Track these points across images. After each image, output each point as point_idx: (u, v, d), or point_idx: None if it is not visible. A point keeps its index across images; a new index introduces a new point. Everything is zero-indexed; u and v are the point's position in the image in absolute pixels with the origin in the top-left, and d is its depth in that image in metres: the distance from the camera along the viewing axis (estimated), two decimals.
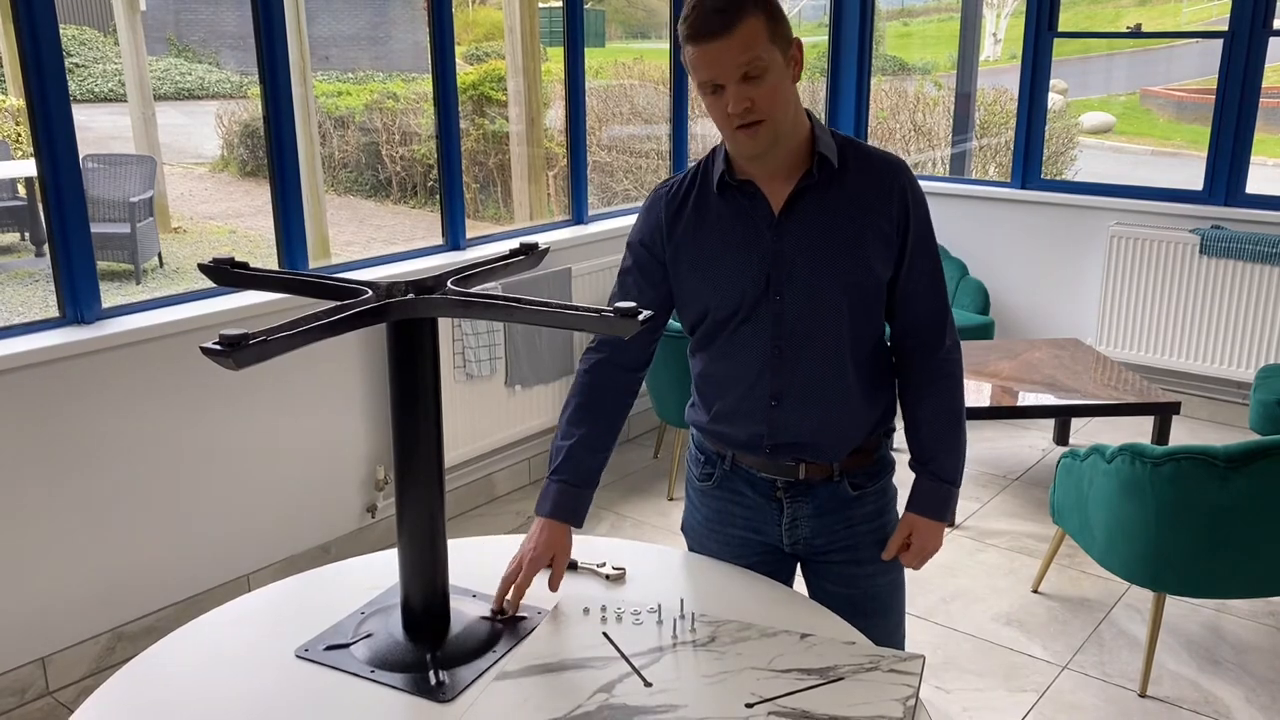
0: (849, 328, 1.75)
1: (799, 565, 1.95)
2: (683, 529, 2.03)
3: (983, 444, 4.62)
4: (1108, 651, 3.13)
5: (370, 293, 1.50)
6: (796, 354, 1.76)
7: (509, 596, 1.69)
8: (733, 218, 1.75)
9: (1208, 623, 3.27)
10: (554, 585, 1.74)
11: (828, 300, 1.73)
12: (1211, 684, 2.96)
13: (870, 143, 1.81)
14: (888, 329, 1.86)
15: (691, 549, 1.99)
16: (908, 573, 1.94)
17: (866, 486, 1.85)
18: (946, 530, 1.92)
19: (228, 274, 1.61)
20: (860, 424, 1.82)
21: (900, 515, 1.92)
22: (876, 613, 1.88)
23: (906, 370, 1.86)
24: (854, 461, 1.83)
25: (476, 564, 1.84)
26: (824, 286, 1.72)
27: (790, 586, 1.88)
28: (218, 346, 1.26)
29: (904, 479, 1.90)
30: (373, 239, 9.42)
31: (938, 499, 1.85)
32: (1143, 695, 2.91)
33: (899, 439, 1.88)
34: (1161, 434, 3.89)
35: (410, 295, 1.51)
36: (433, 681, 1.52)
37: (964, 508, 3.96)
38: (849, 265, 1.72)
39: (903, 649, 1.93)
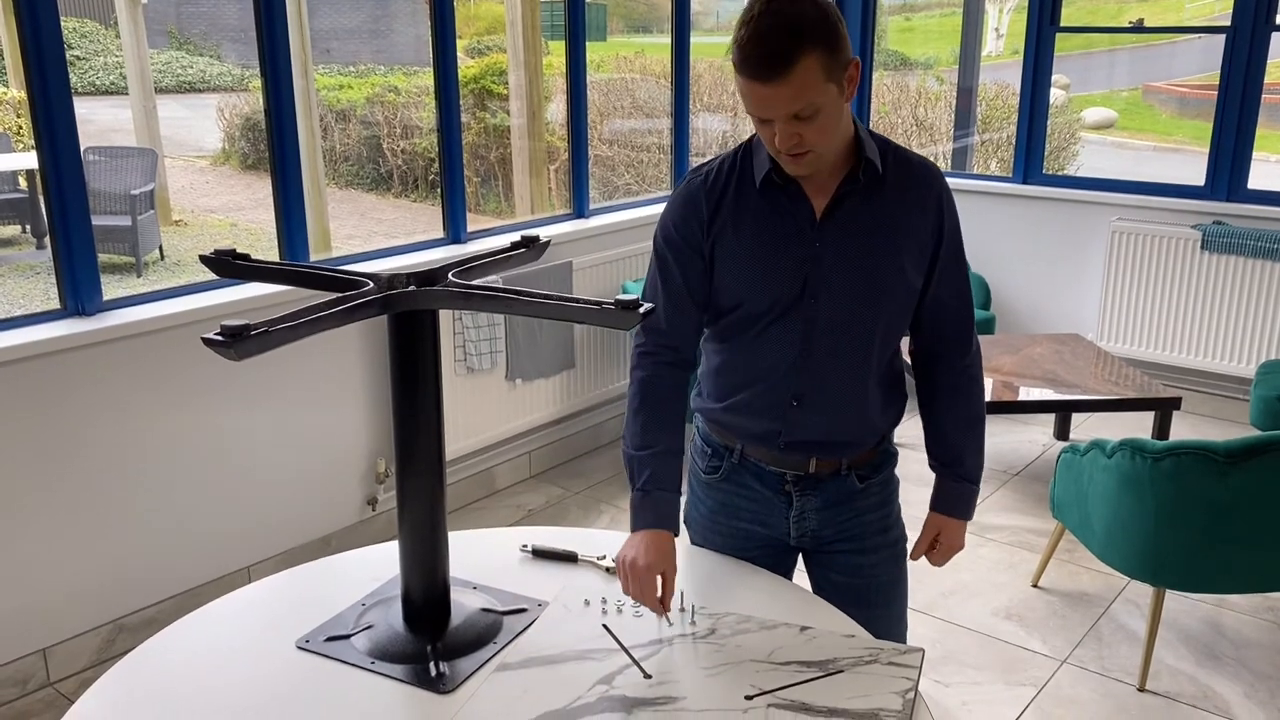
0: (879, 334, 1.75)
1: (802, 557, 1.95)
2: (685, 521, 2.00)
3: None
4: (1107, 646, 3.13)
5: (371, 285, 1.50)
6: (824, 357, 1.74)
7: (654, 605, 1.63)
8: (773, 216, 1.71)
9: (1207, 618, 3.27)
10: (667, 603, 1.64)
11: (862, 306, 1.72)
12: (1210, 679, 2.97)
13: None
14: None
15: (694, 541, 1.99)
16: (908, 566, 1.95)
17: (872, 478, 1.86)
18: (924, 519, 1.94)
19: (229, 265, 1.61)
20: (876, 427, 1.83)
21: (901, 506, 1.93)
22: (879, 603, 1.88)
23: (931, 377, 1.87)
24: (861, 455, 1.84)
25: (477, 556, 1.85)
26: (860, 292, 1.71)
27: (790, 580, 1.88)
28: (219, 337, 1.26)
29: (905, 472, 1.91)
30: (374, 232, 9.42)
31: (962, 499, 1.89)
32: (1141, 690, 2.91)
33: (905, 433, 1.88)
34: (1162, 429, 3.89)
35: (411, 287, 1.51)
36: (433, 673, 1.53)
37: None
38: (887, 272, 1.71)
39: (905, 641, 1.94)
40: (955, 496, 1.89)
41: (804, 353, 1.74)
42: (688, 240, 1.75)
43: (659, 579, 1.64)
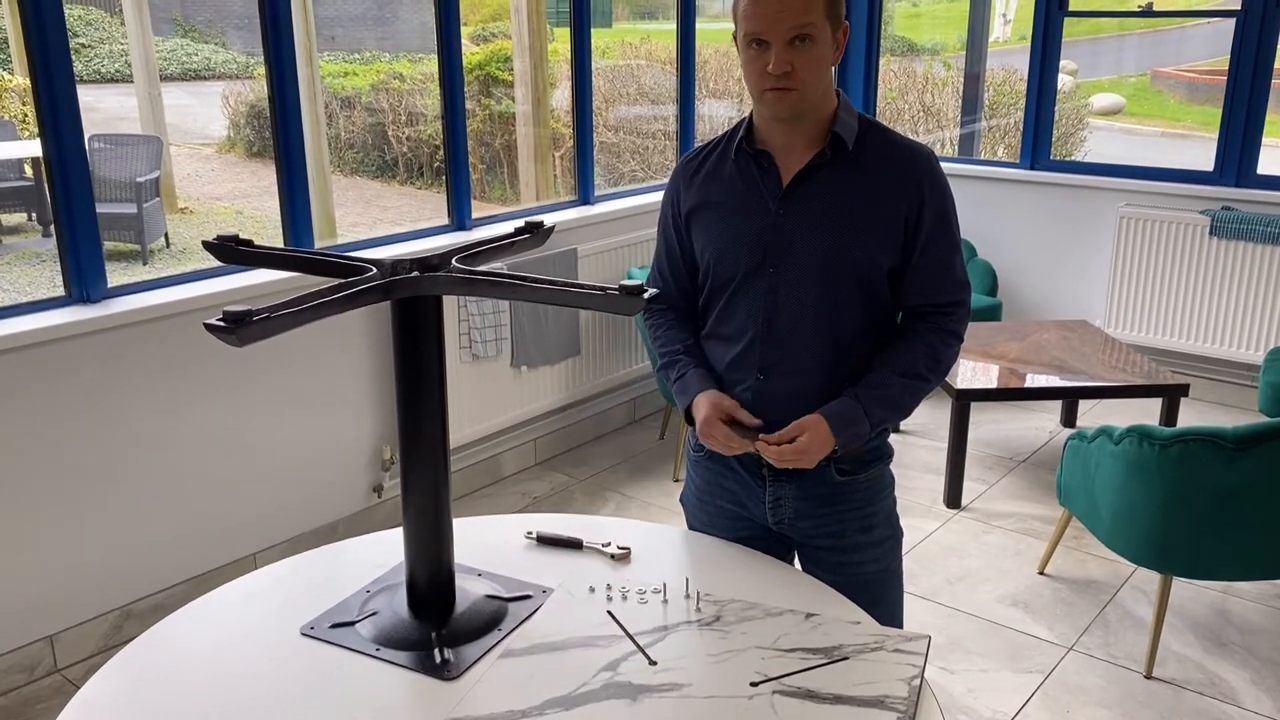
0: (842, 310, 1.75)
1: (797, 551, 1.94)
2: (681, 500, 2.06)
3: (989, 425, 4.61)
4: (1113, 633, 3.13)
5: (375, 270, 1.50)
6: (787, 329, 1.76)
7: (727, 430, 1.75)
8: (743, 185, 1.78)
9: (1214, 605, 3.26)
10: (747, 418, 1.77)
11: (822, 280, 1.73)
12: (1217, 666, 2.96)
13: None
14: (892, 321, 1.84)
15: (688, 520, 2.02)
16: (912, 554, 1.93)
17: (856, 474, 1.83)
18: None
19: (233, 251, 1.61)
20: None
21: (894, 505, 1.91)
22: (866, 603, 1.84)
23: (897, 332, 1.83)
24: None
25: (482, 543, 1.85)
26: (819, 265, 1.73)
27: (790, 565, 1.87)
28: (221, 323, 1.25)
29: (910, 459, 1.89)
30: (379, 220, 9.41)
31: (844, 414, 1.73)
32: (1148, 677, 2.91)
33: (909, 420, 1.86)
34: (1169, 416, 3.87)
35: (415, 273, 1.51)
36: (438, 659, 1.53)
37: (970, 489, 3.95)
38: (848, 248, 1.72)
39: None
40: (841, 407, 1.73)
41: (768, 323, 1.77)
42: (671, 213, 1.90)
43: (721, 421, 1.76)
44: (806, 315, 1.75)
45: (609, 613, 1.63)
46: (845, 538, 1.85)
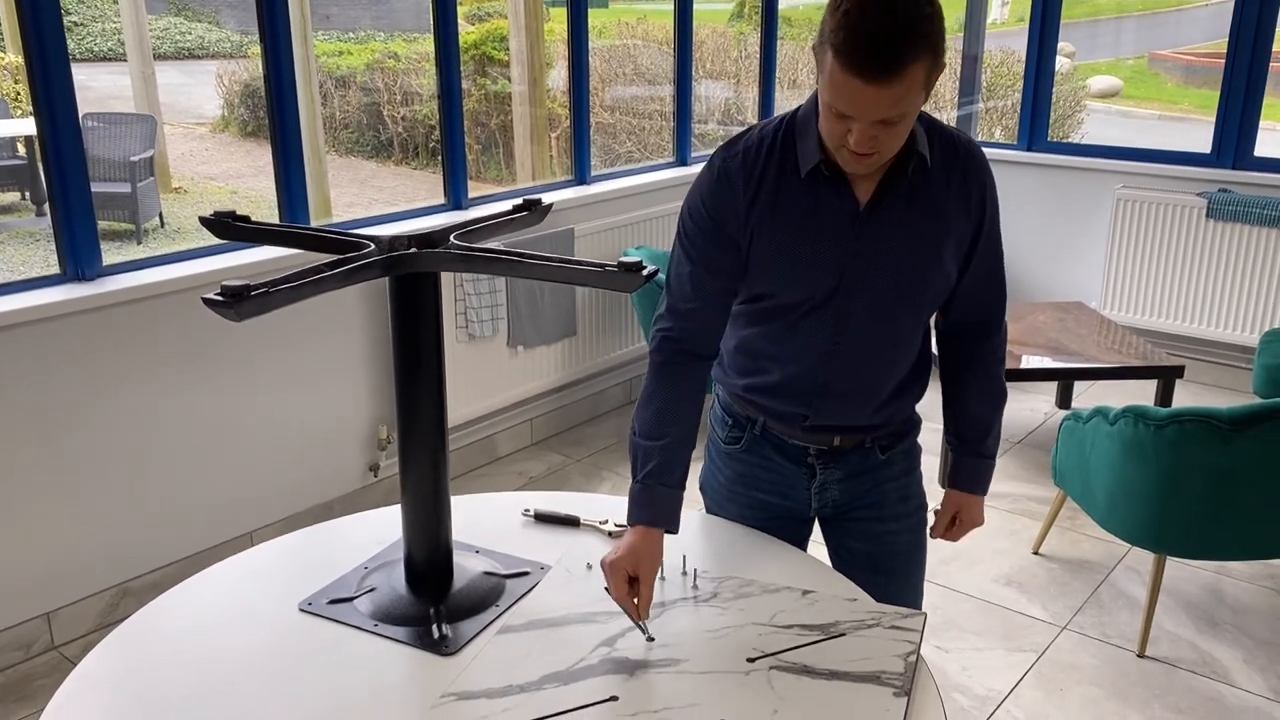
0: (910, 326, 1.72)
1: (820, 524, 1.93)
2: (701, 487, 1.96)
3: None
4: (1107, 612, 3.14)
5: (373, 246, 1.49)
6: (855, 348, 1.69)
7: (623, 602, 1.54)
8: (816, 209, 1.61)
9: (1207, 585, 3.28)
10: (643, 607, 1.52)
11: (897, 299, 1.67)
12: (1210, 645, 2.98)
13: None
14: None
15: (709, 509, 1.94)
16: (926, 535, 1.94)
17: (895, 448, 1.84)
18: (926, 487, 1.95)
19: (229, 227, 1.60)
20: (901, 410, 1.81)
21: (922, 475, 1.91)
22: (899, 570, 1.87)
23: (959, 354, 1.85)
24: (885, 429, 1.82)
25: (479, 520, 1.85)
26: (896, 287, 1.65)
27: (803, 550, 1.87)
28: (220, 297, 1.25)
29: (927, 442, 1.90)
30: (374, 200, 9.38)
31: (980, 475, 1.89)
32: (1141, 656, 2.93)
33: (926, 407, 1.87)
34: (1165, 397, 3.88)
35: (413, 249, 1.50)
36: (436, 635, 1.53)
37: None
38: (925, 265, 1.65)
39: (920, 609, 1.93)
40: (976, 473, 1.88)
41: (834, 343, 1.69)
42: (721, 223, 1.63)
43: (629, 578, 1.53)
44: (875, 336, 1.69)
45: (606, 589, 1.63)
46: (885, 507, 1.85)
